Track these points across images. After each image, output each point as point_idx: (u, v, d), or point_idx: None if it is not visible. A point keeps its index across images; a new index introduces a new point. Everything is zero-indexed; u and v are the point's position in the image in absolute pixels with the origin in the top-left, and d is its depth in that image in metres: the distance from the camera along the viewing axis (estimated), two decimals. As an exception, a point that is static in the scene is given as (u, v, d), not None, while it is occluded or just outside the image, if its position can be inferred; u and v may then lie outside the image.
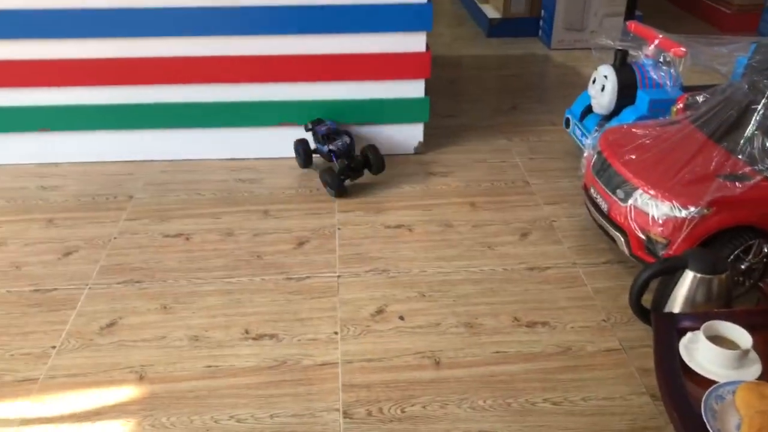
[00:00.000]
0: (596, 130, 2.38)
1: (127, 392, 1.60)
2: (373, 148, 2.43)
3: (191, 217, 2.28)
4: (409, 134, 2.68)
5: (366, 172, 2.46)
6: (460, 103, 3.24)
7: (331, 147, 2.40)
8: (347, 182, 2.40)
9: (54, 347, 1.73)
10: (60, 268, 2.03)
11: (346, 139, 2.42)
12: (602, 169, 1.99)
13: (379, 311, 1.86)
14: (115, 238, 2.17)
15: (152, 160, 2.64)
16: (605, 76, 2.37)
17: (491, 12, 4.35)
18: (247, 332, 1.78)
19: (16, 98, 2.49)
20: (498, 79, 3.57)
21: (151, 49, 2.42)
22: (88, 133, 2.59)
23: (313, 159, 2.57)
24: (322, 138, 2.44)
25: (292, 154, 2.60)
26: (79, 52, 2.40)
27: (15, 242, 2.15)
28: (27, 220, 2.27)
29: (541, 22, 4.16)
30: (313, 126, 2.49)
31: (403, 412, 1.55)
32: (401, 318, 1.84)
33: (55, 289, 1.94)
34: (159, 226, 2.23)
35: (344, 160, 2.39)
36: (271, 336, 1.77)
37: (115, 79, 2.47)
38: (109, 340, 1.75)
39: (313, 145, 2.53)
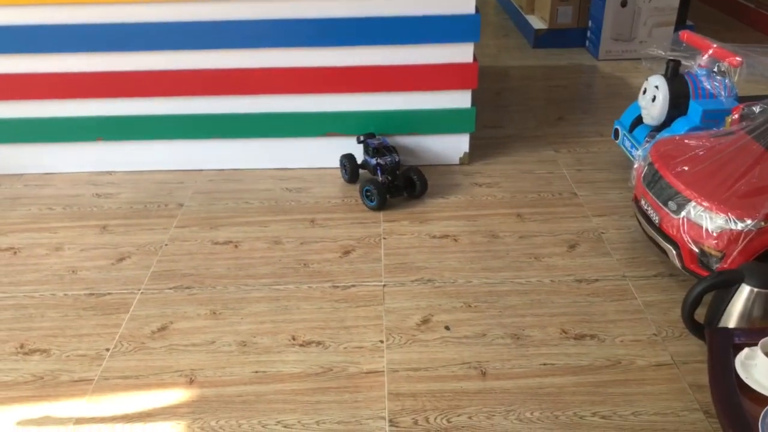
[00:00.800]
0: (647, 141, 2.34)
1: (177, 395, 1.63)
2: (418, 170, 2.43)
3: (239, 225, 2.32)
4: (454, 144, 2.68)
5: (405, 194, 2.46)
6: (506, 113, 3.23)
7: (379, 161, 2.41)
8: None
9: (108, 349, 1.78)
10: (114, 273, 2.09)
11: (395, 157, 2.44)
12: (653, 180, 1.96)
13: (425, 321, 1.86)
14: (166, 244, 2.22)
15: (201, 169, 2.70)
16: (656, 87, 2.33)
17: (537, 23, 4.33)
18: (294, 339, 1.80)
19: (73, 109, 2.58)
20: (544, 90, 3.55)
21: (201, 62, 2.48)
22: (141, 142, 2.66)
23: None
24: (373, 151, 2.45)
25: (338, 164, 2.63)
26: (134, 65, 2.48)
27: (71, 247, 2.22)
28: (82, 226, 2.34)
29: (588, 33, 4.12)
30: (365, 139, 2.51)
31: (449, 422, 1.54)
32: (447, 328, 1.83)
33: (109, 294, 1.99)
34: (208, 234, 2.27)
35: (388, 176, 2.40)
36: (318, 343, 1.78)
37: (166, 90, 2.54)
38: (160, 343, 1.79)
39: (360, 159, 2.55)
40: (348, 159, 2.55)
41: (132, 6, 2.36)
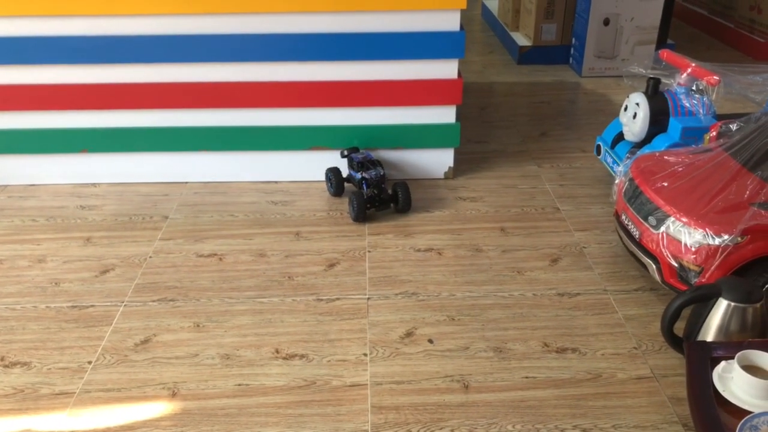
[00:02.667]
0: (628, 158, 2.38)
1: (160, 408, 1.63)
2: (404, 185, 2.44)
3: (224, 237, 2.33)
4: (439, 159, 2.71)
5: (392, 207, 2.47)
6: (491, 129, 3.26)
7: (364, 175, 2.43)
8: (371, 211, 2.42)
9: (90, 362, 1.77)
10: (97, 285, 2.08)
11: (380, 171, 2.46)
12: (634, 196, 1.99)
13: (409, 334, 1.87)
14: (150, 257, 2.22)
15: (186, 182, 2.70)
16: (637, 104, 2.38)
17: (522, 40, 4.38)
18: (277, 352, 1.80)
19: (58, 120, 2.58)
20: (528, 106, 3.59)
21: (187, 75, 2.49)
22: (126, 154, 2.66)
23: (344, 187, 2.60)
24: (357, 165, 2.47)
25: (323, 177, 2.64)
26: (120, 77, 2.48)
27: (54, 259, 2.21)
28: (66, 238, 2.33)
29: (571, 50, 4.18)
30: (349, 153, 2.52)
31: (431, 435, 1.55)
32: (430, 341, 1.84)
33: (92, 306, 1.99)
34: (193, 246, 2.27)
35: (374, 190, 2.42)
36: (301, 356, 1.79)
37: (152, 103, 2.54)
38: (143, 356, 1.79)
39: (345, 173, 2.56)
40: (333, 172, 2.56)
41: (118, 19, 2.37)
